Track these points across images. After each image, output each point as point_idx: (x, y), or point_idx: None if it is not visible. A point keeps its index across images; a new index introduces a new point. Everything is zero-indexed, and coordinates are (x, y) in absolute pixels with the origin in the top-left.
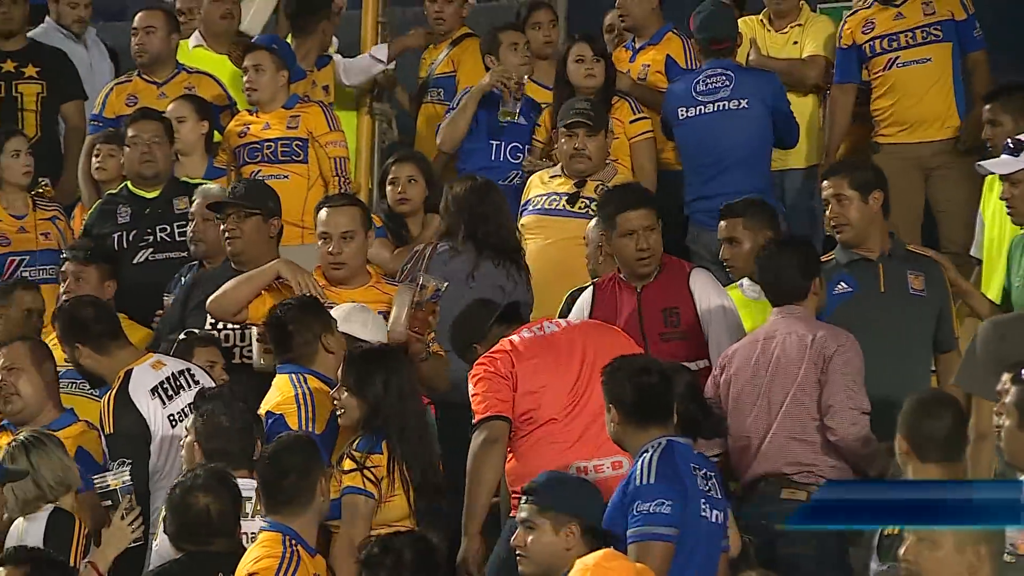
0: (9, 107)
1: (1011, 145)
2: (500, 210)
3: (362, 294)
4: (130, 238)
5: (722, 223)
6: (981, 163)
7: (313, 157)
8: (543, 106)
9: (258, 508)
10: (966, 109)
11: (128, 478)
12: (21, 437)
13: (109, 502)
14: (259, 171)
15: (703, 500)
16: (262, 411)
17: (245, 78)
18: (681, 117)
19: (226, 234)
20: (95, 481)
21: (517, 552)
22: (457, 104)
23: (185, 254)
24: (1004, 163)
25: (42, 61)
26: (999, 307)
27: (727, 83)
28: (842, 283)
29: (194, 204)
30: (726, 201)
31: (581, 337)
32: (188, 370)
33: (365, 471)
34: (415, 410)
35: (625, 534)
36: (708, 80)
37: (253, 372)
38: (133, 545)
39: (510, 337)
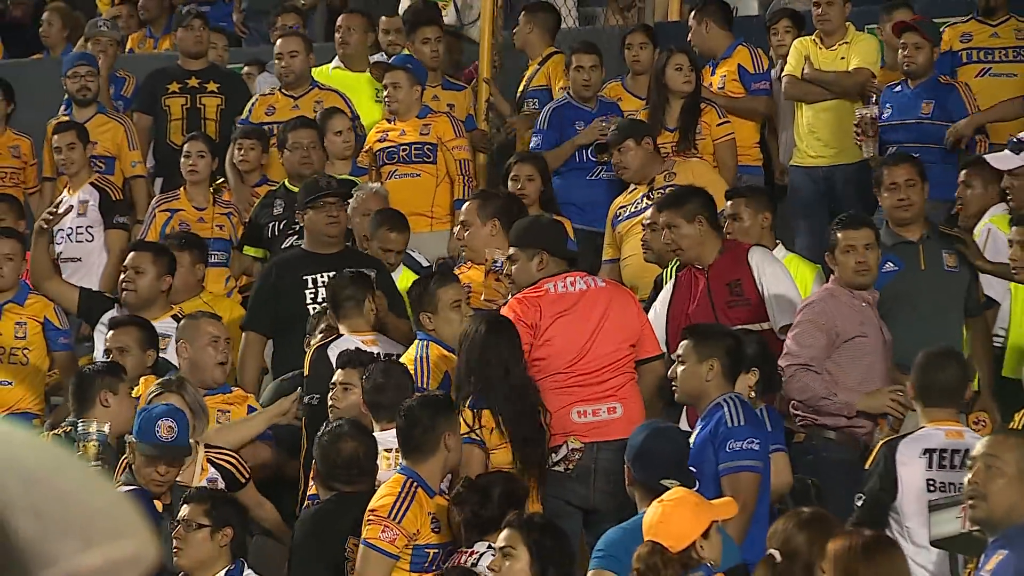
0: (194, 115)
1: (1015, 141)
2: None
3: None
4: (281, 227)
5: (728, 202)
6: (985, 156)
7: (441, 159)
8: (627, 113)
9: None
10: None
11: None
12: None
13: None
14: (396, 170)
15: (771, 444)
16: None
17: (385, 93)
18: None
19: (327, 219)
20: None
21: None
22: (545, 122)
23: None
24: (1005, 159)
25: (220, 79)
26: None
27: None
28: (889, 263)
29: (358, 199)
30: None
31: (606, 299)
32: (395, 356)
33: (479, 425)
34: (518, 374)
35: (713, 470)
36: None
37: None
38: None
39: (546, 285)
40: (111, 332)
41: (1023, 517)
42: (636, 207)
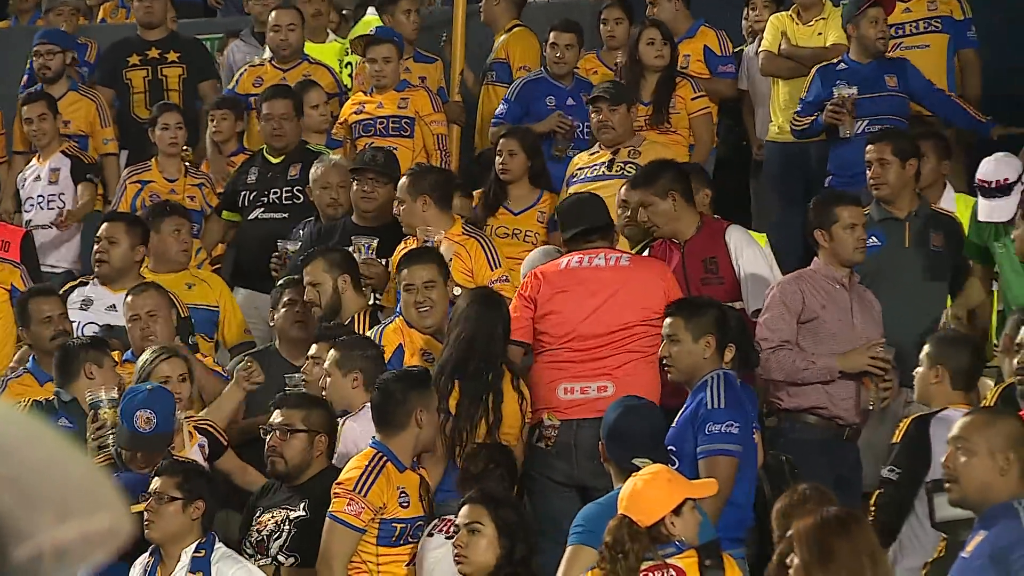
0: (156, 87)
1: (993, 187)
2: None
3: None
4: (251, 197)
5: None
6: (980, 219)
7: (419, 133)
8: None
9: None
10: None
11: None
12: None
13: None
14: (372, 143)
15: (753, 424)
16: None
17: (374, 67)
18: None
19: (361, 193)
20: None
21: None
22: (513, 93)
23: (287, 216)
24: (999, 209)
25: (181, 48)
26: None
27: None
28: (873, 237)
29: (318, 171)
30: None
31: (623, 277)
32: None
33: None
34: (487, 353)
35: (693, 450)
36: None
37: None
38: None
39: (562, 259)
40: (43, 300)
41: (1001, 496)
42: (593, 172)
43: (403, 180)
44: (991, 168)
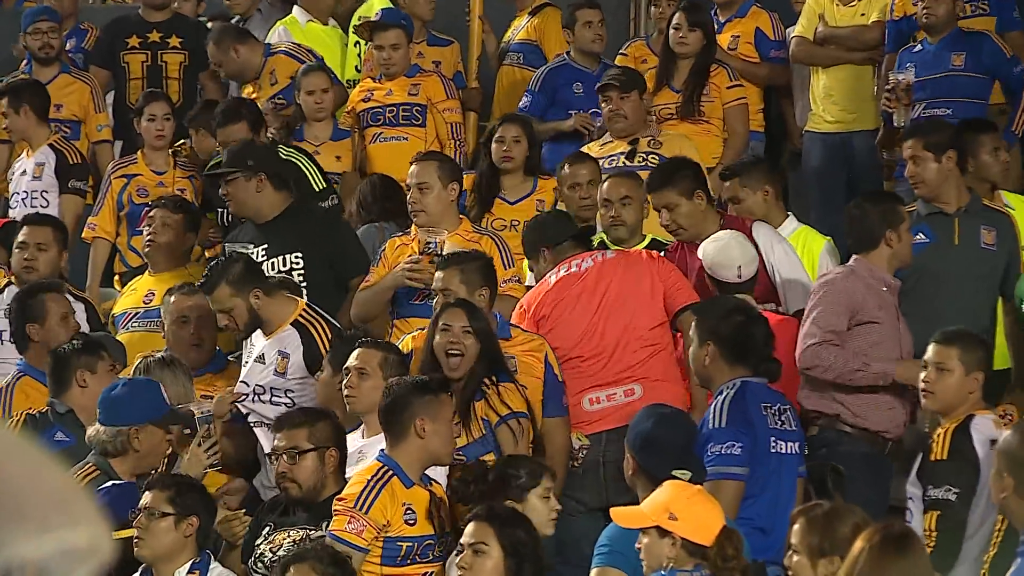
0: (155, 74)
1: None
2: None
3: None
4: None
5: (725, 184)
6: None
7: (431, 122)
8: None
9: None
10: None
11: (208, 409)
12: (158, 355)
13: (188, 430)
14: (381, 133)
15: (772, 437)
16: None
17: (382, 54)
18: None
19: (225, 200)
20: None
21: None
22: (537, 83)
23: None
24: None
25: (185, 33)
26: None
27: None
28: (920, 234)
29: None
30: None
31: (611, 272)
32: None
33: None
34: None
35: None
36: None
37: None
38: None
39: (550, 276)
40: (57, 297)
41: None
42: (612, 162)
43: (428, 164)
44: None
